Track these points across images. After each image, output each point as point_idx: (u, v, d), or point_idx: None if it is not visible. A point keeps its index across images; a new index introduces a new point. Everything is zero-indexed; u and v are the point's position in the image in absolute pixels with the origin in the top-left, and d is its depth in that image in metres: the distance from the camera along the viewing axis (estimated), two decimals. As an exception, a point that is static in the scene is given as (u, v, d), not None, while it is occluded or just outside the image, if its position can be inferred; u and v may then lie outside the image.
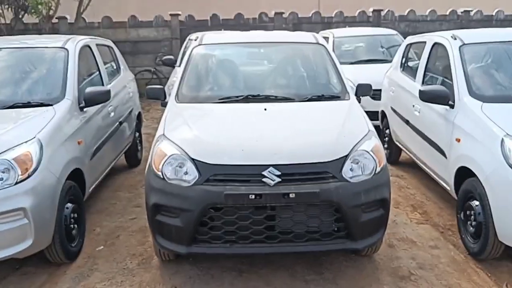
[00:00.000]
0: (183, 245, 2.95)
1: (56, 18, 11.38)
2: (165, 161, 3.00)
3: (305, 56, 4.43)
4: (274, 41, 4.55)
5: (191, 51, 4.28)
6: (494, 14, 12.99)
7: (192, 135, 3.20)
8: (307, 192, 2.84)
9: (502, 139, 3.24)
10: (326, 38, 8.88)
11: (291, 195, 2.82)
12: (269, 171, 2.87)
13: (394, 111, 5.54)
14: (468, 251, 3.60)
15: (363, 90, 4.08)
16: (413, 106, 4.77)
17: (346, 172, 2.97)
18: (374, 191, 2.99)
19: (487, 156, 3.34)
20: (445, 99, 3.97)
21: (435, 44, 4.73)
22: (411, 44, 5.63)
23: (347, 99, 3.81)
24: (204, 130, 3.29)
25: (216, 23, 12.28)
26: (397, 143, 5.58)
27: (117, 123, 4.99)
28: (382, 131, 6.02)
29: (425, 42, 5.03)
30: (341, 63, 7.88)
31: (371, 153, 3.06)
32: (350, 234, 2.98)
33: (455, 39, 4.35)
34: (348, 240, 3.00)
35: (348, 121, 3.38)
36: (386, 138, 5.91)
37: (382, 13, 12.69)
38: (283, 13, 12.51)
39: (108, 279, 3.28)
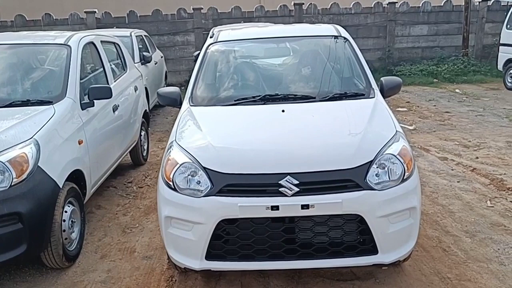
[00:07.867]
0: None
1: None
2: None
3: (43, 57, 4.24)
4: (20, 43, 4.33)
5: None
6: (421, 5, 12.68)
7: None
8: None
9: (171, 145, 3.05)
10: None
11: None
12: None
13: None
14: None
15: (94, 93, 3.91)
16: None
17: None
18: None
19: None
20: (176, 102, 3.77)
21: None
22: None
23: None
24: None
25: (133, 20, 12.11)
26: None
27: None
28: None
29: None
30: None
31: (7, 164, 2.89)
32: None
33: (211, 37, 4.16)
34: None
35: None
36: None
37: (304, 7, 12.45)
38: (201, 8, 12.31)
39: None
